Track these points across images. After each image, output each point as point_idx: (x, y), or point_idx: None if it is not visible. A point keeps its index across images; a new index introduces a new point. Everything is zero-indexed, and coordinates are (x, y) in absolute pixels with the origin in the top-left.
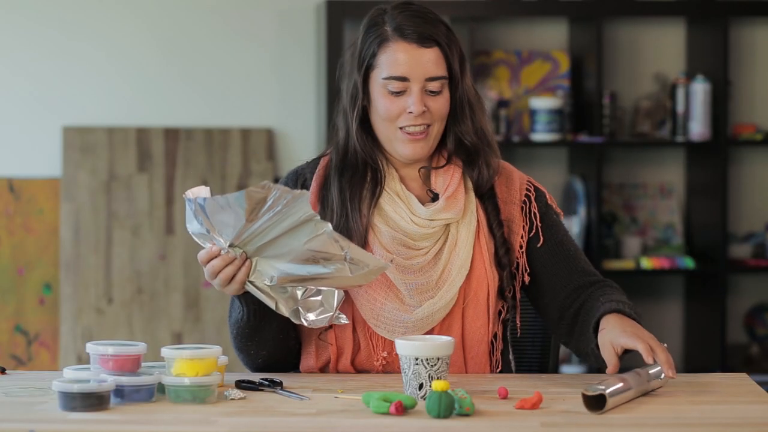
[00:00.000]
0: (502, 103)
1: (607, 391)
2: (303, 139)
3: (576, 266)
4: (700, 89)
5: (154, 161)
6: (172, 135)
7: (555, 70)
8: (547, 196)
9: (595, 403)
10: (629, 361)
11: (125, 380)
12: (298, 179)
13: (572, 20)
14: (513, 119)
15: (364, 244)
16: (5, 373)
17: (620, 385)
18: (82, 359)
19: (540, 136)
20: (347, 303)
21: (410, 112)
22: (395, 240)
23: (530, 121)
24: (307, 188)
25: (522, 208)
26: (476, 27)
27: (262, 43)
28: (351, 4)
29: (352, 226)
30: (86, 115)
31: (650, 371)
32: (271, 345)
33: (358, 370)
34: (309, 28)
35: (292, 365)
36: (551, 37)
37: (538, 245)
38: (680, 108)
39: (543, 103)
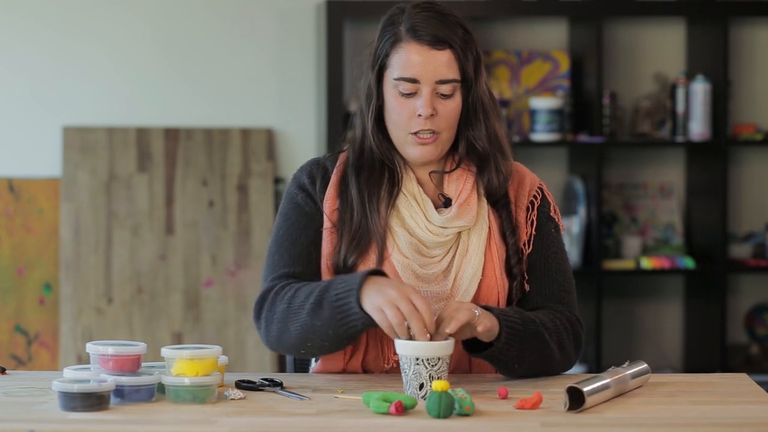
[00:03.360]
0: (502, 103)
1: (586, 388)
2: (303, 139)
3: (547, 288)
4: (700, 89)
5: (154, 161)
6: (172, 135)
7: (555, 70)
8: (552, 207)
9: (576, 398)
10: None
11: (125, 380)
12: (320, 168)
13: (572, 20)
14: (513, 119)
15: (382, 246)
16: (5, 373)
17: (599, 383)
18: (82, 359)
19: (540, 136)
20: None
21: (419, 115)
22: (411, 246)
23: (530, 121)
24: (329, 178)
25: (526, 213)
26: (476, 27)
27: (262, 43)
28: (351, 4)
29: (372, 227)
30: (86, 115)
31: (629, 371)
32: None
33: (365, 371)
34: (309, 28)
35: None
36: (551, 37)
37: (527, 253)
38: (680, 108)
39: (543, 103)
